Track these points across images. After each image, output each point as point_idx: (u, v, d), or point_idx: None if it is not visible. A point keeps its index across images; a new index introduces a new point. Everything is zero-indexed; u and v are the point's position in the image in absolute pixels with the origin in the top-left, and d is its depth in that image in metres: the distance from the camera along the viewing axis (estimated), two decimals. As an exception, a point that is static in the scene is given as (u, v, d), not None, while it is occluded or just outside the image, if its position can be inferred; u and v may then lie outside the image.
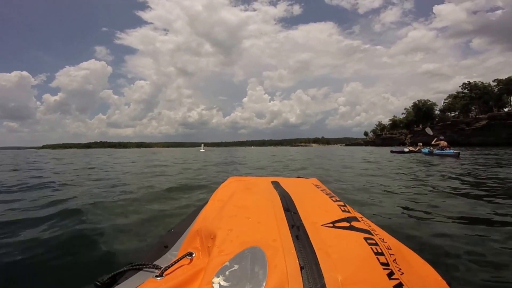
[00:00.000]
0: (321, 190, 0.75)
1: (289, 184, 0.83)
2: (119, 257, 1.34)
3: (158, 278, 0.49)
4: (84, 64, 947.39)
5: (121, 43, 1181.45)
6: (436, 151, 10.84)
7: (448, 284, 0.43)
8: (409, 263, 0.44)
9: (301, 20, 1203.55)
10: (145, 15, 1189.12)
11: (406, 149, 15.22)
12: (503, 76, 47.48)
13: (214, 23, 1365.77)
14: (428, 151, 11.61)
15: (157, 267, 0.53)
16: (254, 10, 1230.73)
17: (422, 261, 0.47)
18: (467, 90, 50.34)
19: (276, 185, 0.81)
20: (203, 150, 27.48)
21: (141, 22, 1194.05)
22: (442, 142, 11.42)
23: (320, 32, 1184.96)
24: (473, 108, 50.16)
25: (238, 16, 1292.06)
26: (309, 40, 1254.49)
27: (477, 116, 44.15)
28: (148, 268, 0.54)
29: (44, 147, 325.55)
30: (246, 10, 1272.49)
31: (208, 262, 0.44)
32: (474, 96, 48.02)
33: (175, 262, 0.52)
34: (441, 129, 51.57)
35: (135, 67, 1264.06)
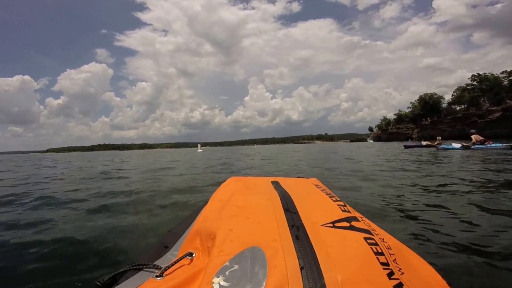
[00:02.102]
0: (321, 190, 0.75)
1: (289, 184, 0.82)
2: (119, 257, 1.35)
3: (158, 278, 0.49)
4: (85, 67, 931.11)
5: (121, 45, 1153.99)
6: (477, 146, 9.27)
7: (449, 284, 0.43)
8: (409, 263, 0.44)
9: (300, 17, 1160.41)
10: (143, 16, 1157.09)
11: (424, 143, 13.81)
12: (506, 69, 45.94)
13: (213, 23, 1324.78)
14: (462, 146, 9.77)
15: (157, 267, 0.53)
16: (253, 8, 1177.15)
17: (422, 261, 0.47)
18: (476, 82, 48.92)
19: (276, 185, 0.81)
20: (201, 151, 26.32)
21: (140, 24, 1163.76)
22: (476, 136, 9.72)
23: (320, 29, 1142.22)
24: (481, 100, 48.78)
25: (237, 15, 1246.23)
26: (309, 37, 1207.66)
27: (489, 108, 42.80)
28: (148, 268, 0.54)
29: (48, 151, 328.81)
30: (245, 8, 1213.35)
31: (208, 262, 0.44)
32: (485, 88, 46.59)
33: (175, 262, 0.52)
34: (451, 122, 50.49)
35: (135, 69, 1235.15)
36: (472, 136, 9.81)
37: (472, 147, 9.37)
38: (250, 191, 0.80)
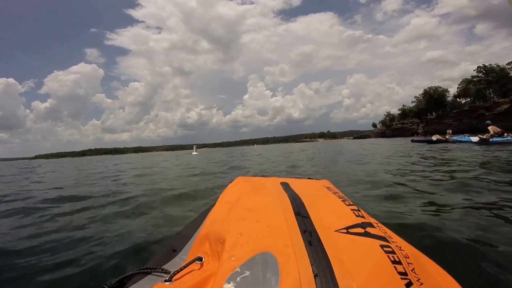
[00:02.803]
0: (333, 193, 0.73)
1: (299, 185, 0.80)
2: (127, 260, 1.35)
3: (167, 283, 0.47)
4: (74, 68, 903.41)
5: (112, 44, 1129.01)
6: (495, 139, 8.60)
7: None
8: (429, 273, 0.42)
9: (300, 12, 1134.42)
10: (135, 13, 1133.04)
11: (434, 138, 12.79)
12: (507, 61, 46.12)
13: (211, 19, 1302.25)
14: (480, 139, 9.21)
15: (166, 272, 0.52)
16: (252, 3, 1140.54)
17: (442, 271, 0.45)
18: (482, 74, 49.28)
19: (285, 186, 0.79)
20: (196, 153, 24.83)
21: (132, 21, 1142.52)
22: (494, 127, 9.03)
23: (321, 23, 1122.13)
24: (487, 92, 49.16)
25: (235, 10, 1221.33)
26: (310, 32, 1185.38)
27: (497, 101, 43.08)
28: (157, 272, 0.53)
29: (36, 157, 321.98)
30: (243, 3, 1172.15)
31: (219, 268, 0.44)
32: (492, 79, 46.92)
33: (184, 267, 0.51)
34: (457, 116, 50.76)
35: (128, 69, 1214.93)
36: (489, 128, 9.09)
37: (490, 139, 8.65)
38: (258, 192, 0.77)
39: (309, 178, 1.07)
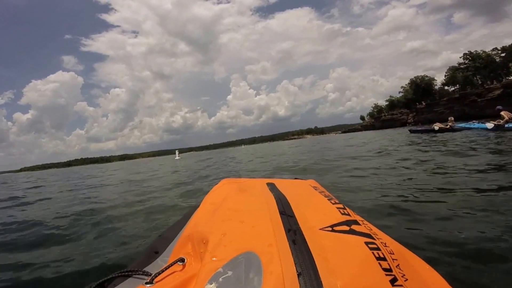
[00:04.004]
0: (319, 192, 0.73)
1: (285, 186, 0.80)
2: (108, 263, 1.31)
3: (148, 285, 0.47)
4: (52, 77, 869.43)
5: (88, 50, 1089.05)
6: (511, 125, 8.40)
7: None
8: (414, 268, 0.42)
9: (277, 8, 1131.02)
10: (110, 18, 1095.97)
11: (436, 127, 11.71)
12: (489, 48, 45.34)
13: (187, 20, 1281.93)
14: (494, 125, 8.82)
15: (147, 274, 0.51)
16: (228, 1, 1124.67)
17: (427, 266, 0.46)
18: (469, 61, 48.21)
19: (271, 187, 0.79)
20: (179, 158, 24.34)
21: (107, 26, 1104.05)
22: (507, 112, 8.74)
23: (298, 19, 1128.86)
24: (475, 79, 48.20)
25: (212, 10, 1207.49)
26: (288, 28, 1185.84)
27: (487, 87, 41.87)
28: (138, 274, 0.52)
29: (22, 169, 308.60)
30: (219, 2, 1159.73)
31: (201, 268, 0.43)
32: (479, 65, 45.82)
33: (166, 269, 0.50)
34: (448, 103, 49.58)
35: (107, 75, 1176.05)
36: (502, 113, 8.82)
37: (506, 125, 8.48)
38: (244, 193, 0.78)
39: (296, 178, 1.06)
